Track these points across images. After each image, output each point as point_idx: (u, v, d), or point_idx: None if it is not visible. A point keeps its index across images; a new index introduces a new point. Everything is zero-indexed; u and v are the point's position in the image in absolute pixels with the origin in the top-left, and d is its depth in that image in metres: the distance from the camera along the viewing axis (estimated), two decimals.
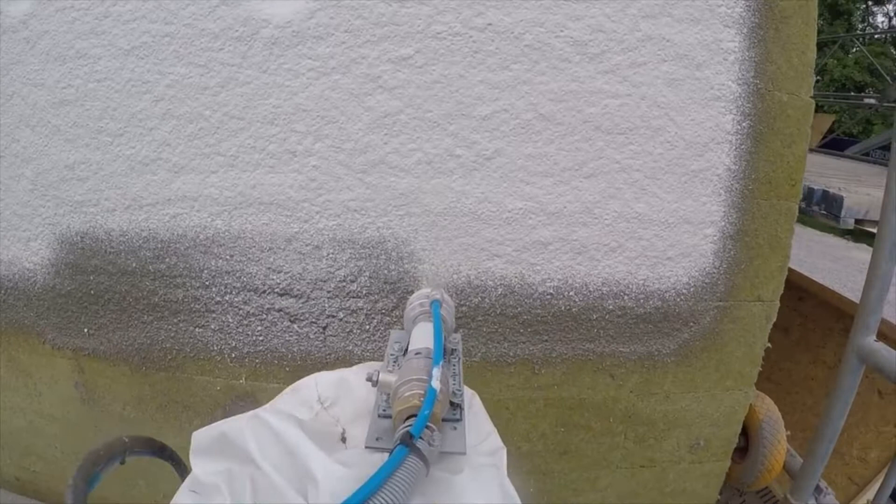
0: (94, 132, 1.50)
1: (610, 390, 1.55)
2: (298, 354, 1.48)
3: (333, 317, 1.44)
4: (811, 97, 1.55)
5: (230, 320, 1.48)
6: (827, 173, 2.44)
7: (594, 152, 1.42)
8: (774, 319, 1.59)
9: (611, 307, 1.49)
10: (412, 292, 1.43)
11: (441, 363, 0.69)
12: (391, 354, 0.87)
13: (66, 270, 1.59)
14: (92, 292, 1.57)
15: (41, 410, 1.76)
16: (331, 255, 1.41)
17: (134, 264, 1.52)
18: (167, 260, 1.49)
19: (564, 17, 1.38)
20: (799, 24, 1.53)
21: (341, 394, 0.81)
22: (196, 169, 1.43)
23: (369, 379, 0.71)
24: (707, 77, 1.47)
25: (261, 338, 1.48)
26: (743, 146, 1.51)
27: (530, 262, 1.43)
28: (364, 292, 1.42)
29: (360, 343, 1.46)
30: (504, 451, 0.77)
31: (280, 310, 1.45)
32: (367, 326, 1.44)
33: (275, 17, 1.37)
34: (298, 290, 1.43)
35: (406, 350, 0.84)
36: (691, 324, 1.54)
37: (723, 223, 1.52)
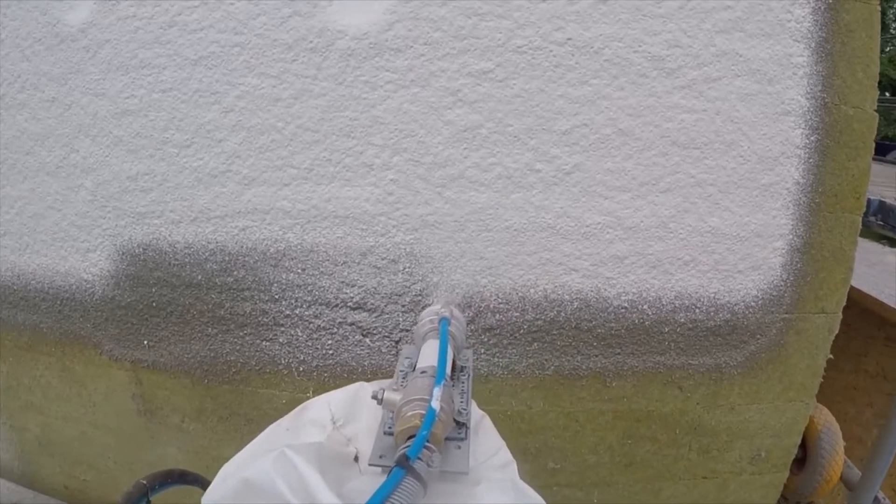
0: (158, 143, 1.47)
1: (678, 402, 1.56)
2: (369, 368, 1.46)
3: (407, 331, 1.43)
4: (875, 110, 1.56)
5: (299, 334, 1.47)
6: (876, 180, 2.45)
7: (671, 167, 1.41)
8: (836, 331, 1.61)
9: (682, 320, 1.49)
10: (489, 307, 1.42)
11: (443, 383, 0.69)
12: (401, 371, 0.87)
13: (127, 282, 1.56)
14: (154, 304, 1.55)
15: (95, 421, 1.73)
16: (407, 269, 1.39)
17: (199, 277, 1.49)
18: (235, 273, 1.46)
19: (642, 32, 1.38)
20: (863, 37, 1.54)
21: (356, 409, 0.81)
22: (268, 181, 1.40)
23: (374, 397, 0.72)
24: (778, 92, 1.48)
25: (331, 352, 1.46)
26: (811, 160, 1.51)
27: (606, 277, 1.43)
28: None
29: None
30: (514, 465, 0.79)
31: (352, 324, 1.44)
32: None
33: (351, 28, 1.35)
34: (372, 304, 1.42)
35: (415, 367, 0.84)
36: (758, 336, 1.55)
37: (791, 236, 1.52)
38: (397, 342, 1.44)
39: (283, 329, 1.47)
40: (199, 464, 1.70)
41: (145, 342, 1.58)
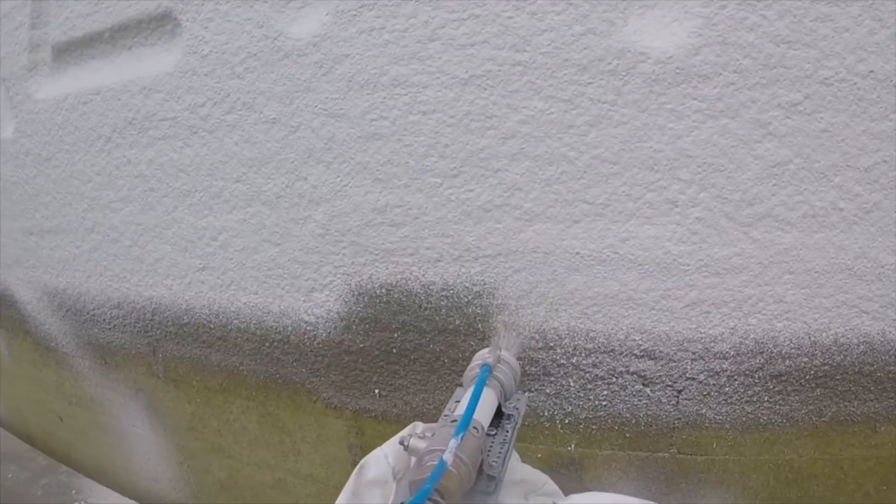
0: (415, 172, 1.32)
1: None
2: (643, 419, 1.35)
3: (693, 379, 1.33)
4: None
5: (571, 384, 1.34)
6: None
7: None
8: None
9: None
10: (780, 353, 1.34)
11: (461, 434, 0.67)
12: (445, 415, 0.83)
13: (361, 326, 1.39)
14: (394, 351, 1.38)
15: (296, 470, 1.54)
16: (703, 314, 1.29)
17: (458, 322, 1.34)
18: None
19: None
20: None
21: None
22: (554, 217, 1.28)
23: (401, 443, 0.73)
24: None
25: (604, 403, 1.34)
26: None
27: (892, 318, 1.37)
28: (732, 353, 1.32)
29: (714, 406, 1.35)
30: (561, 494, 0.88)
31: (634, 372, 1.32)
32: (727, 389, 1.34)
33: (653, 51, 1.24)
34: (661, 351, 1.31)
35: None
36: None
37: None
38: (680, 392, 1.34)
39: (552, 379, 1.34)
40: None
41: (377, 391, 1.42)
